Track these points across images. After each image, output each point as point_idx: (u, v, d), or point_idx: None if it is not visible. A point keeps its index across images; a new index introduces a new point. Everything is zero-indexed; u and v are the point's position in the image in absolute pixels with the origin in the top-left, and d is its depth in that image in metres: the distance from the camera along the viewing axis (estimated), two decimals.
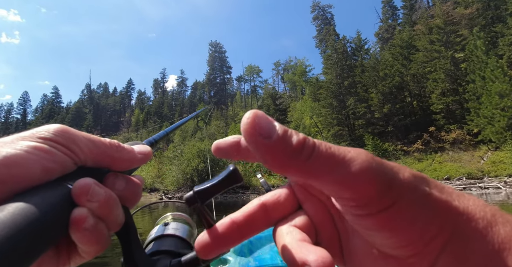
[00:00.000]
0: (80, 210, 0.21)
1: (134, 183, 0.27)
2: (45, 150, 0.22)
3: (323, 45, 60.87)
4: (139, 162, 0.30)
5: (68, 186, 0.22)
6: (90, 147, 0.25)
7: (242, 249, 1.31)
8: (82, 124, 73.44)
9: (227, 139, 0.23)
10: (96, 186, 0.22)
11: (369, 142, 25.61)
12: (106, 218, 0.23)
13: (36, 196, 0.20)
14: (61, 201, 0.21)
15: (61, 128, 0.24)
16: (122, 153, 0.28)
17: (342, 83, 33.99)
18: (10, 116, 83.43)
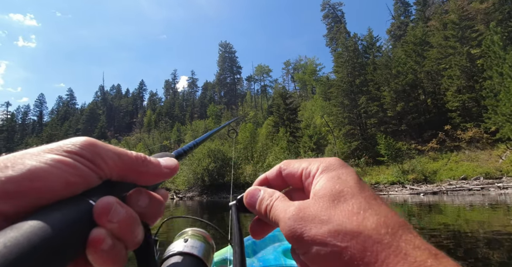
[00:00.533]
0: (98, 231, 0.21)
1: (157, 201, 0.27)
2: (70, 164, 0.22)
3: (334, 44, 60.20)
4: (165, 177, 0.30)
5: (90, 202, 0.22)
6: (116, 161, 0.25)
7: (246, 250, 1.17)
8: (96, 125, 74.95)
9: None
10: (118, 206, 0.22)
11: (382, 141, 25.08)
12: (125, 238, 0.23)
13: (56, 213, 0.19)
14: (81, 219, 0.20)
15: (88, 141, 0.24)
16: (148, 167, 0.27)
17: (354, 82, 33.47)
18: (27, 117, 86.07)
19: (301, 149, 29.18)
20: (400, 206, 14.33)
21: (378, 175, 25.45)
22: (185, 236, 0.65)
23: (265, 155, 31.56)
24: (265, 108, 63.15)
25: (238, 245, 0.30)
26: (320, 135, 30.66)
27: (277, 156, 30.54)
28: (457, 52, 27.56)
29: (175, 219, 5.81)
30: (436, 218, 10.46)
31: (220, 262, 1.20)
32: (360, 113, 32.26)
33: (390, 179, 23.85)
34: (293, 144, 31.60)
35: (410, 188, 21.78)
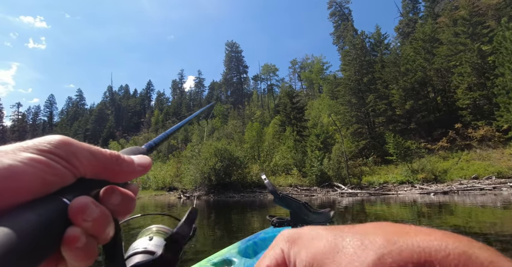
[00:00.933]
0: (74, 230, 0.21)
1: (129, 198, 0.27)
2: (45, 163, 0.22)
3: (341, 42, 59.65)
4: (138, 175, 0.30)
5: (65, 201, 0.22)
6: (90, 159, 0.25)
7: (247, 250, 1.29)
8: (104, 125, 75.87)
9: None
10: (92, 205, 0.23)
11: (390, 140, 24.72)
12: (98, 235, 0.23)
13: (32, 212, 0.20)
14: (56, 218, 0.20)
15: (62, 140, 0.24)
16: (121, 166, 0.28)
17: (361, 80, 33.09)
18: (38, 118, 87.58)
19: (308, 148, 28.96)
20: (410, 206, 14.10)
21: (386, 174, 25.13)
22: (150, 234, 0.64)
23: (272, 154, 31.43)
24: (272, 107, 62.97)
25: None
26: (327, 134, 30.41)
27: (283, 155, 30.37)
28: (467, 48, 26.98)
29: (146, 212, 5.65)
30: (447, 218, 10.23)
31: (220, 263, 1.19)
32: (368, 112, 31.88)
33: (399, 178, 23.52)
34: (300, 143, 31.41)
35: (419, 187, 21.43)
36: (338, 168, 25.35)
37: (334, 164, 25.40)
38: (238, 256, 1.22)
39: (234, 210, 15.23)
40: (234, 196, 24.19)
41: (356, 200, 17.97)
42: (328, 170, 25.36)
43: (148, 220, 10.07)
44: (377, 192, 21.93)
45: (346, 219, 10.16)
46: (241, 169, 26.03)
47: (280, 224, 1.41)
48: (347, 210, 12.88)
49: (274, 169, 29.08)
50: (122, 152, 0.32)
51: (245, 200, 21.41)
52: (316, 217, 1.14)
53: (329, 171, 25.31)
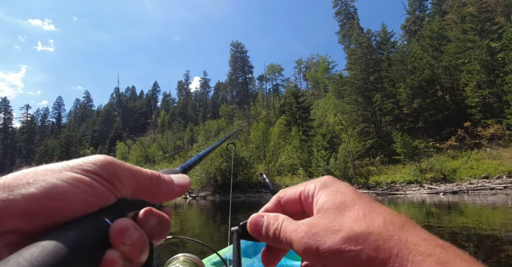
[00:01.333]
0: (113, 253, 0.21)
1: (165, 221, 0.27)
2: (88, 184, 0.22)
3: (347, 40, 59.22)
4: (177, 195, 0.30)
5: (106, 221, 0.22)
6: (132, 180, 0.26)
7: (247, 250, 1.28)
8: (111, 126, 76.63)
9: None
10: (132, 229, 0.23)
11: (398, 139, 24.41)
12: (134, 259, 0.23)
13: (74, 231, 0.20)
14: (97, 239, 0.21)
15: (106, 161, 0.25)
16: (161, 187, 0.28)
17: (368, 79, 32.77)
18: (46, 120, 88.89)
19: (314, 148, 28.78)
20: (418, 206, 13.88)
21: (394, 174, 24.82)
22: (176, 263, 0.65)
23: (278, 154, 31.33)
24: (277, 107, 62.83)
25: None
26: (334, 133, 30.18)
27: (289, 155, 30.24)
28: (476, 45, 26.49)
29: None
30: (457, 218, 10.02)
31: (220, 263, 1.17)
32: (375, 111, 31.55)
33: (407, 178, 23.19)
34: (306, 143, 31.24)
35: (428, 187, 21.10)
36: (345, 168, 25.13)
37: (340, 164, 25.19)
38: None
39: (240, 210, 15.19)
40: (240, 196, 24.16)
41: None
42: (335, 170, 25.16)
43: None
44: (385, 192, 21.66)
45: None
46: (246, 169, 26.00)
47: None
48: None
49: (280, 169, 28.96)
50: (161, 172, 0.32)
51: (251, 200, 21.36)
52: None
53: (336, 171, 25.11)
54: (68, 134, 66.68)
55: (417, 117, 29.47)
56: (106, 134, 74.47)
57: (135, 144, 58.53)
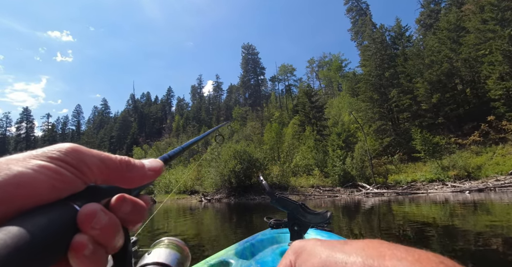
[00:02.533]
0: (81, 237, 0.21)
1: (140, 207, 0.27)
2: (54, 170, 0.22)
3: (359, 37, 58.05)
4: (150, 179, 0.30)
5: (74, 207, 0.22)
6: (100, 166, 0.26)
7: (244, 252, 1.28)
8: (128, 132, 78.29)
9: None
10: (101, 213, 0.23)
11: (417, 136, 23.49)
12: (106, 244, 0.23)
13: (41, 217, 0.20)
14: (65, 223, 0.21)
15: (72, 147, 0.25)
16: (132, 171, 0.28)
17: (383, 75, 31.85)
18: (66, 127, 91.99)
19: (329, 148, 28.16)
20: (441, 206, 13.18)
21: (414, 172, 23.87)
22: (161, 245, 0.68)
23: (292, 155, 30.88)
24: (290, 108, 62.28)
25: None
26: (349, 132, 29.45)
27: (304, 155, 29.72)
28: (497, 35, 25.20)
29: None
30: (483, 217, 9.37)
31: (217, 265, 1.16)
32: (392, 108, 30.59)
33: (428, 176, 22.23)
34: (320, 143, 30.65)
35: (451, 185, 20.12)
36: (362, 167, 24.42)
37: (357, 163, 24.50)
38: (235, 257, 1.22)
39: (255, 212, 14.92)
40: (255, 198, 23.88)
41: (382, 201, 17.12)
42: (351, 170, 24.50)
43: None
44: (405, 191, 20.83)
45: (354, 219, 9.56)
46: (261, 170, 25.70)
47: (277, 226, 1.48)
48: (373, 211, 12.23)
49: (295, 170, 28.51)
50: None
51: (266, 202, 21.05)
52: (312, 218, 1.13)
53: (353, 171, 24.44)
54: (87, 141, 68.64)
55: (437, 113, 28.34)
56: (123, 140, 76.14)
57: (151, 148, 59.52)
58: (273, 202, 1.18)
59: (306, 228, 1.15)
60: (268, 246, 1.37)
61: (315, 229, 1.54)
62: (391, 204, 14.98)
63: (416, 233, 6.90)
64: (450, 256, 0.22)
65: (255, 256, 1.27)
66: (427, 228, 7.38)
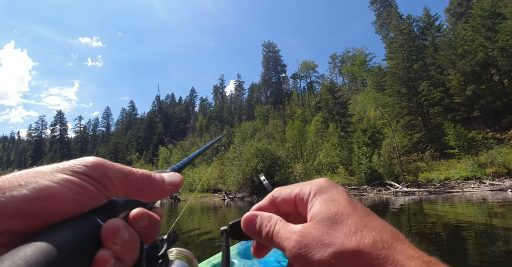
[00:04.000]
0: (105, 252, 0.22)
1: (156, 222, 0.28)
2: (79, 185, 0.23)
3: (385, 29, 55.79)
4: (169, 193, 0.31)
5: (97, 221, 0.23)
6: (122, 180, 0.26)
7: (247, 251, 1.26)
8: (154, 132, 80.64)
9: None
10: (124, 229, 0.23)
11: (450, 131, 22.02)
12: (125, 259, 0.24)
13: (67, 231, 0.20)
14: (89, 238, 0.21)
15: (96, 162, 0.25)
16: (152, 186, 0.29)
17: (411, 67, 30.25)
18: (97, 129, 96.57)
19: (355, 145, 27.19)
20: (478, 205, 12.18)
21: (447, 170, 22.41)
22: (171, 256, 0.67)
23: (315, 152, 30.15)
24: (313, 105, 61.18)
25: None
26: (375, 128, 28.25)
27: (328, 153, 28.93)
28: None
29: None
30: None
31: (219, 264, 1.13)
32: (421, 102, 28.99)
33: (464, 174, 20.76)
34: (345, 140, 29.69)
35: (489, 183, 18.63)
36: (390, 165, 23.31)
37: (385, 161, 23.42)
38: (238, 257, 1.21)
39: None
40: None
41: (413, 200, 16.21)
42: (379, 168, 23.47)
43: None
44: (438, 190, 19.58)
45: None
46: (283, 169, 25.27)
47: None
48: (403, 211, 11.55)
49: (319, 168, 27.80)
50: (153, 172, 0.32)
51: None
52: None
53: (380, 169, 23.41)
54: (115, 141, 71.53)
55: (472, 106, 26.48)
56: (150, 140, 78.46)
57: (176, 148, 60.87)
58: None
59: None
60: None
61: None
62: (423, 203, 14.19)
63: (451, 234, 6.41)
64: (489, 260, 0.23)
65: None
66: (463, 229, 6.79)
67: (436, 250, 5.03)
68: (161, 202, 30.12)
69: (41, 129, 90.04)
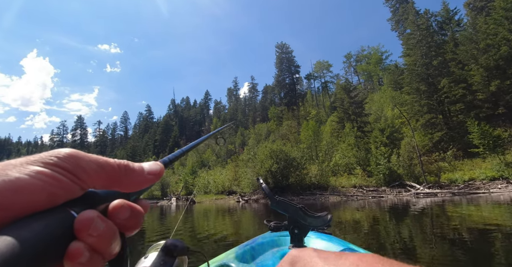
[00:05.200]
0: (77, 244, 0.21)
1: (138, 213, 0.27)
2: (52, 176, 0.22)
3: (401, 26, 54.23)
4: (149, 183, 0.30)
5: (72, 213, 0.22)
6: (98, 171, 0.25)
7: (245, 255, 1.28)
8: (170, 135, 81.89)
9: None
10: (98, 220, 0.23)
11: (474, 129, 20.97)
12: (103, 251, 0.23)
13: (37, 223, 0.20)
14: (61, 231, 0.20)
15: (69, 153, 0.24)
16: (131, 176, 0.28)
17: (430, 63, 29.11)
18: (116, 133, 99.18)
19: (372, 145, 26.40)
20: (506, 207, 11.44)
21: (472, 170, 21.34)
22: (158, 249, 0.65)
23: (331, 153, 29.51)
24: (328, 105, 60.25)
25: None
26: (393, 128, 27.35)
27: (344, 154, 28.25)
28: None
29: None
30: None
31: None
32: (442, 99, 27.84)
33: (489, 174, 19.69)
34: (362, 140, 28.91)
35: None
36: (410, 165, 22.46)
37: (404, 161, 22.60)
38: (236, 261, 1.22)
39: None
40: (293, 198, 23.12)
41: (435, 202, 15.47)
42: (398, 168, 22.66)
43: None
44: (462, 191, 18.64)
45: (378, 222, 8.40)
46: (298, 170, 24.84)
47: (278, 229, 1.51)
48: (425, 213, 10.97)
49: (335, 169, 27.17)
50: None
51: (305, 203, 20.19)
52: (313, 221, 1.15)
53: (399, 169, 22.60)
54: (133, 145, 73.11)
55: (496, 102, 25.17)
56: (166, 143, 79.65)
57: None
58: (273, 205, 1.20)
59: (306, 231, 1.15)
60: (269, 249, 1.37)
61: (315, 231, 1.53)
62: (446, 205, 13.55)
63: (477, 238, 5.96)
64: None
65: (255, 259, 1.27)
66: (490, 232, 6.32)
67: (461, 255, 4.67)
68: (177, 204, 30.34)
69: (63, 134, 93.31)
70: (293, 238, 1.15)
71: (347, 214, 12.32)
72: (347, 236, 6.68)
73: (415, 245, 5.59)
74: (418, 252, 5.00)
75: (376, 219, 9.93)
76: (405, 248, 5.29)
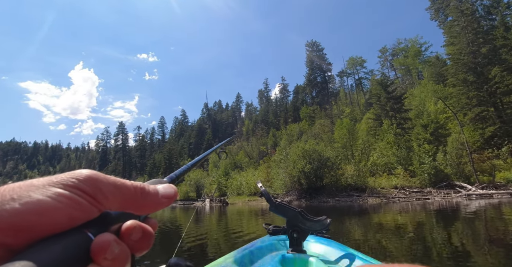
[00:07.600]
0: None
1: (149, 234, 0.27)
2: (72, 199, 0.23)
3: (441, 14, 50.42)
4: (163, 206, 0.30)
5: (88, 235, 0.23)
6: (115, 194, 0.26)
7: (243, 259, 1.28)
8: (204, 138, 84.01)
9: None
10: (114, 244, 0.23)
11: None
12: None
13: (56, 246, 0.20)
14: (79, 253, 0.21)
15: (89, 175, 0.25)
16: (146, 199, 0.29)
17: (478, 51, 26.45)
18: (154, 137, 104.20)
19: (414, 142, 24.55)
20: None
21: None
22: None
23: (368, 152, 27.92)
24: (362, 103, 57.63)
25: None
26: (438, 123, 25.19)
27: (383, 152, 26.61)
28: None
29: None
30: None
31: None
32: (493, 90, 25.15)
33: None
34: (402, 138, 27.04)
35: None
36: (459, 164, 20.50)
37: (452, 159, 20.70)
38: (234, 265, 1.21)
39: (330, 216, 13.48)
40: (329, 200, 22.12)
41: (490, 204, 13.89)
42: (445, 167, 20.81)
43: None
44: None
45: (379, 227, 7.34)
46: (333, 171, 23.76)
47: (276, 233, 1.50)
48: (478, 216, 9.81)
49: (373, 169, 25.64)
50: (148, 183, 0.32)
51: (341, 205, 19.19)
52: (312, 225, 1.17)
53: (447, 168, 20.74)
54: (169, 148, 75.89)
55: None
56: (200, 146, 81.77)
57: (224, 152, 62.16)
58: (272, 209, 1.19)
59: (306, 235, 1.16)
60: (267, 253, 1.36)
61: (314, 235, 1.51)
62: (503, 207, 12.23)
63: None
64: None
65: (254, 263, 1.27)
66: None
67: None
68: (210, 205, 30.62)
69: (106, 140, 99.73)
70: (292, 242, 1.15)
71: (388, 217, 11.37)
72: (389, 242, 6.01)
73: (467, 252, 4.92)
74: (470, 261, 4.35)
75: (422, 223, 8.99)
76: (455, 256, 4.63)
